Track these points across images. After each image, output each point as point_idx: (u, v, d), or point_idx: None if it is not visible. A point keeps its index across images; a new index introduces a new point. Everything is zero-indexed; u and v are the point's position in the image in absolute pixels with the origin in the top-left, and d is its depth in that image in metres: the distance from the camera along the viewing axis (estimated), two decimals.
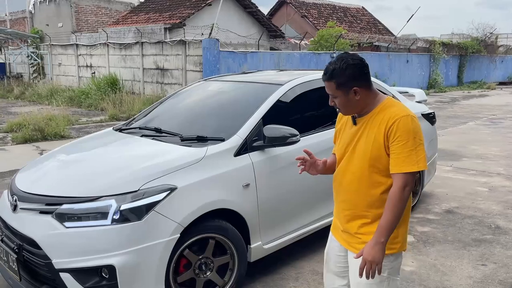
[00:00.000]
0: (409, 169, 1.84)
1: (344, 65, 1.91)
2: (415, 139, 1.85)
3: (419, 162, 1.85)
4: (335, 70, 1.92)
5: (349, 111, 2.03)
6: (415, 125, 1.89)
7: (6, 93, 17.43)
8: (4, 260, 2.86)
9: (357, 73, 1.93)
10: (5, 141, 8.73)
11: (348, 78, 1.92)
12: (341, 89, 1.94)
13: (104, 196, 2.61)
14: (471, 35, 26.32)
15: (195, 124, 3.59)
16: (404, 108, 1.95)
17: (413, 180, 1.89)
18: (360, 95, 1.95)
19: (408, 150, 1.84)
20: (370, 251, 1.85)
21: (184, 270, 2.84)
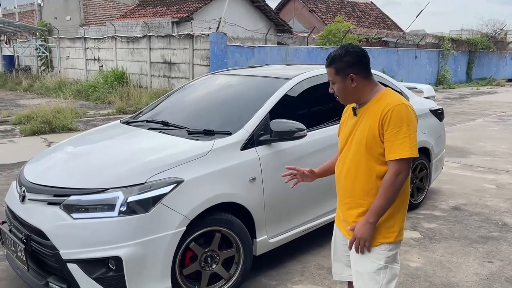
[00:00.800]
0: (402, 155, 1.90)
1: (343, 52, 2.01)
2: (408, 126, 1.90)
3: (412, 148, 1.91)
4: (335, 56, 2.03)
5: (346, 99, 2.10)
6: (409, 113, 1.93)
7: (15, 85, 17.54)
8: (12, 250, 2.89)
9: (355, 60, 2.00)
10: (14, 133, 8.80)
11: (346, 65, 2.00)
12: (339, 74, 2.02)
13: (111, 188, 2.63)
14: (480, 31, 26.05)
15: (202, 118, 3.60)
16: (399, 97, 2.00)
17: (407, 167, 1.94)
18: (356, 83, 2.02)
19: (401, 137, 1.90)
20: (360, 229, 1.98)
21: (190, 262, 2.85)
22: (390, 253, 2.02)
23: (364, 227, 1.97)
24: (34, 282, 2.75)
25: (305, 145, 3.38)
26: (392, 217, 2.01)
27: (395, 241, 2.03)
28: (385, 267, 2.01)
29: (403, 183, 1.95)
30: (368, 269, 2.02)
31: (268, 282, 3.23)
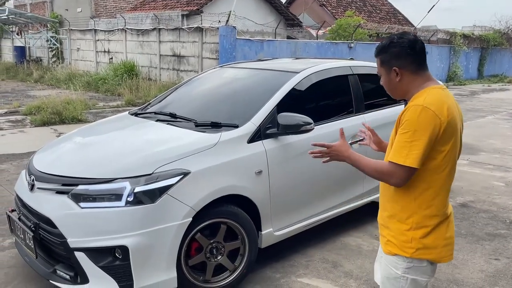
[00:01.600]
0: (394, 159, 1.75)
1: (388, 42, 1.87)
2: (416, 132, 1.71)
3: (408, 157, 1.72)
4: (381, 47, 1.90)
5: (392, 93, 1.96)
6: (423, 118, 1.72)
7: (26, 76, 17.70)
8: (21, 238, 2.94)
9: (400, 53, 1.84)
10: (24, 123, 8.90)
11: (390, 57, 1.86)
12: (383, 66, 1.90)
13: (119, 178, 2.65)
14: (493, 28, 25.69)
15: (210, 110, 3.61)
16: (423, 98, 1.78)
17: (402, 174, 1.76)
18: (401, 77, 1.86)
19: (403, 141, 1.74)
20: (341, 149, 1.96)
21: (196, 253, 2.87)
22: (411, 264, 1.86)
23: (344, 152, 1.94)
24: (42, 269, 2.80)
25: (310, 139, 3.37)
26: (409, 232, 1.84)
27: (412, 257, 1.84)
28: (403, 278, 1.87)
29: (388, 183, 1.83)
30: (387, 274, 1.94)
31: (273, 275, 3.25)
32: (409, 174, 1.77)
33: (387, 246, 1.91)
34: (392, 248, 1.89)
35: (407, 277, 1.86)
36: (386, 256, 1.93)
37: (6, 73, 18.98)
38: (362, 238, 3.90)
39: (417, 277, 1.87)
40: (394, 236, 1.88)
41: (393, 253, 1.88)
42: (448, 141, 1.77)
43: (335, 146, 1.97)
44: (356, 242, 3.81)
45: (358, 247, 3.72)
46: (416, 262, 1.85)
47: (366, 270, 3.34)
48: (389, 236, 1.90)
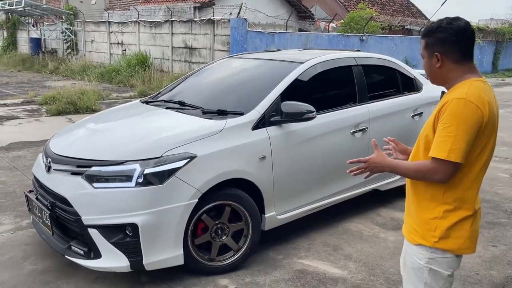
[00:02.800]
0: (437, 154, 1.70)
1: (435, 26, 1.81)
2: (459, 126, 1.67)
3: (451, 151, 1.67)
4: (428, 29, 1.84)
5: (431, 78, 1.91)
6: (466, 111, 1.67)
7: (41, 67, 18.05)
8: (39, 216, 3.13)
9: (446, 38, 1.77)
10: (40, 112, 9.16)
11: (435, 41, 1.80)
12: (427, 50, 1.84)
13: (130, 160, 2.82)
14: (509, 21, 25.32)
15: (217, 99, 3.75)
16: (465, 91, 1.72)
17: (446, 170, 1.71)
18: (441, 64, 1.80)
19: (445, 135, 1.68)
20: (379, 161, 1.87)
21: (202, 233, 3.04)
22: (434, 255, 1.83)
23: (384, 163, 1.86)
24: (58, 245, 2.99)
25: (314, 127, 3.51)
26: (434, 220, 1.82)
27: (434, 246, 1.82)
28: (427, 268, 1.85)
29: (433, 181, 1.76)
30: (412, 264, 1.91)
31: (276, 256, 3.40)
32: (454, 169, 1.72)
33: (411, 234, 1.91)
34: (415, 236, 1.88)
35: (430, 267, 1.84)
36: (409, 245, 1.92)
37: (22, 64, 19.37)
38: (364, 224, 4.02)
39: (440, 269, 1.84)
40: (419, 224, 1.86)
41: (416, 242, 1.87)
42: (487, 137, 1.74)
43: (371, 159, 1.89)
44: (357, 228, 3.94)
45: (359, 233, 3.85)
46: (440, 253, 1.82)
47: (365, 253, 3.48)
48: (414, 224, 1.89)
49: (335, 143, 3.70)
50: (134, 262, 2.77)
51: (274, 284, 3.01)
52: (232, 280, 3.04)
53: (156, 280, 3.01)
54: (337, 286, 3.00)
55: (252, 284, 3.01)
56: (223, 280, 3.04)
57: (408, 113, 4.38)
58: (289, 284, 3.02)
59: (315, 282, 3.05)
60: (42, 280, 3.00)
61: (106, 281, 2.99)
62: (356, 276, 3.13)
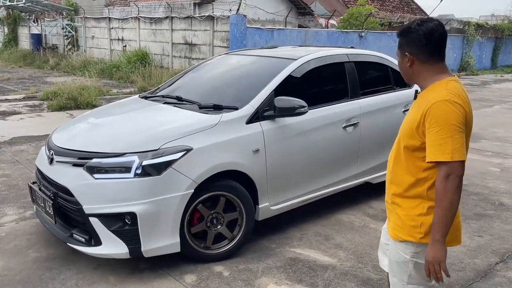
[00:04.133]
0: (440, 157, 1.72)
1: (407, 28, 1.89)
2: (450, 126, 1.72)
3: (454, 152, 1.71)
4: (401, 30, 1.91)
5: (404, 77, 1.99)
6: (450, 111, 1.73)
7: (42, 63, 18.17)
8: (42, 206, 3.28)
9: (414, 40, 1.85)
10: (41, 108, 9.30)
11: (406, 42, 1.88)
12: (399, 49, 1.93)
13: (128, 153, 2.97)
14: (508, 17, 25.37)
15: (213, 94, 3.89)
16: (446, 92, 1.78)
17: (457, 167, 1.73)
18: (411, 64, 1.88)
19: (442, 137, 1.72)
20: (429, 251, 1.79)
21: (198, 222, 3.18)
22: (419, 249, 1.88)
23: (433, 248, 1.77)
24: (60, 234, 3.15)
25: (306, 122, 3.64)
26: (419, 216, 1.87)
27: (420, 242, 1.87)
28: (412, 262, 1.91)
29: (457, 185, 1.74)
30: (396, 258, 1.97)
31: (269, 245, 3.55)
32: (463, 166, 1.75)
33: (395, 231, 1.94)
34: (400, 233, 1.92)
35: (415, 261, 1.90)
36: (394, 242, 1.96)
37: (23, 60, 19.49)
38: (355, 215, 4.16)
39: (423, 261, 1.87)
40: (403, 221, 1.90)
41: (401, 238, 1.91)
42: (465, 134, 1.79)
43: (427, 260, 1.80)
44: (349, 219, 4.08)
45: (351, 223, 3.99)
46: (425, 246, 1.84)
47: (355, 242, 3.62)
48: (398, 221, 1.93)
49: (327, 137, 3.84)
50: (133, 249, 2.91)
51: (266, 271, 3.15)
52: (226, 267, 3.19)
53: (154, 267, 3.16)
54: (326, 273, 3.15)
55: (245, 271, 3.16)
56: (218, 267, 3.18)
57: (399, 108, 4.50)
58: (281, 271, 3.16)
59: (305, 269, 3.19)
60: (46, 267, 3.15)
61: (107, 267, 3.14)
62: (345, 264, 3.28)
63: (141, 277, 3.05)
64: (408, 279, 1.94)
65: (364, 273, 3.16)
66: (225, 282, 3.00)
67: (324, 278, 3.08)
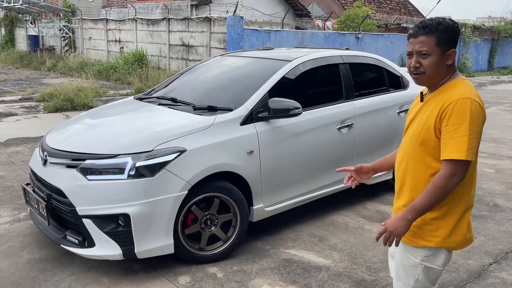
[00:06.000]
0: (456, 155, 1.70)
1: (450, 23, 1.81)
2: (470, 125, 1.70)
3: (469, 151, 1.70)
4: (441, 25, 1.79)
5: (433, 77, 1.85)
6: (474, 110, 1.71)
7: (39, 64, 18.15)
8: (35, 207, 3.27)
9: (456, 35, 1.82)
10: (38, 109, 9.28)
11: (450, 37, 1.81)
12: (440, 47, 1.79)
13: (122, 154, 2.96)
14: (505, 19, 25.48)
15: (208, 95, 3.89)
16: (467, 90, 1.77)
17: (463, 170, 1.73)
18: (451, 61, 1.82)
19: (459, 136, 1.70)
20: (394, 222, 1.80)
21: (192, 224, 3.18)
22: (430, 253, 1.88)
23: (399, 222, 1.79)
24: (53, 235, 3.14)
25: (300, 123, 3.65)
26: (436, 220, 1.85)
27: (437, 246, 1.86)
28: (421, 265, 1.89)
29: (455, 186, 1.75)
30: (405, 262, 1.94)
31: (263, 246, 3.55)
32: (467, 168, 1.75)
33: (410, 236, 1.89)
34: (415, 238, 1.88)
35: (425, 265, 1.88)
36: (405, 245, 1.92)
37: (20, 61, 19.46)
38: (350, 217, 4.17)
39: (433, 265, 1.88)
40: (419, 226, 1.86)
41: (417, 244, 1.88)
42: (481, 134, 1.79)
43: (386, 225, 1.83)
44: (343, 220, 4.09)
45: (345, 225, 4.00)
46: (436, 250, 1.85)
47: (349, 244, 3.62)
48: (413, 227, 1.85)
49: (322, 138, 3.85)
50: (126, 250, 2.91)
51: (260, 272, 3.15)
52: (220, 268, 3.19)
53: (148, 268, 3.16)
54: (320, 274, 3.15)
55: (239, 272, 3.16)
56: (212, 268, 3.18)
57: (394, 110, 4.52)
58: (274, 272, 3.16)
59: (299, 270, 3.20)
60: (39, 268, 3.14)
61: (100, 269, 3.14)
62: (339, 265, 3.28)
63: (134, 278, 3.05)
64: (414, 283, 1.92)
65: (358, 274, 3.16)
66: (219, 284, 3.00)
67: (318, 279, 3.08)
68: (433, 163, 1.82)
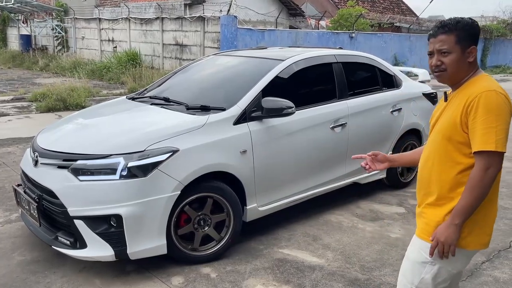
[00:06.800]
0: (485, 146, 1.67)
1: (469, 21, 1.83)
2: (498, 117, 1.68)
3: (498, 142, 1.67)
4: (460, 23, 1.81)
5: (454, 75, 1.84)
6: (500, 101, 1.70)
7: (31, 64, 18.00)
8: (26, 208, 3.24)
9: (477, 33, 1.84)
10: (30, 109, 9.21)
11: (470, 34, 1.81)
12: (461, 44, 1.80)
13: (114, 154, 2.94)
14: (497, 18, 25.64)
15: (201, 95, 3.87)
16: (491, 84, 1.76)
17: (498, 161, 1.70)
18: (472, 58, 1.82)
19: (486, 127, 1.67)
20: (443, 232, 1.75)
21: (185, 224, 3.16)
22: None
23: (449, 230, 1.74)
24: (45, 236, 3.11)
25: (294, 123, 3.64)
26: None
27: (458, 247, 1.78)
28: (432, 263, 1.83)
29: (493, 179, 1.71)
30: (415, 257, 1.89)
31: (257, 246, 3.54)
32: (502, 159, 1.72)
33: (424, 231, 1.86)
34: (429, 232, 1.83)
35: (436, 264, 1.81)
36: (421, 241, 1.87)
37: (12, 61, 19.30)
38: (344, 216, 4.17)
39: (445, 265, 1.82)
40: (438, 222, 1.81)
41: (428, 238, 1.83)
42: None
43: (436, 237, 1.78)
44: (337, 219, 4.09)
45: (339, 224, 4.00)
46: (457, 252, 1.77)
47: (343, 243, 3.62)
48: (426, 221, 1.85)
49: (315, 138, 3.84)
50: (118, 251, 2.89)
51: (254, 272, 3.14)
52: (214, 269, 3.18)
53: (140, 269, 3.13)
54: (314, 274, 3.14)
55: (233, 272, 3.14)
56: (205, 269, 3.17)
57: (387, 109, 4.53)
58: (268, 272, 3.15)
59: (293, 270, 3.19)
60: (30, 270, 3.11)
61: (92, 270, 3.11)
62: (333, 264, 3.28)
63: (127, 279, 3.03)
64: (419, 283, 1.87)
65: (352, 273, 3.16)
66: (212, 284, 2.99)
67: (311, 279, 3.07)
68: (461, 158, 1.78)
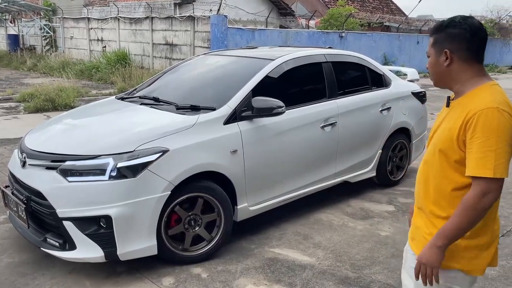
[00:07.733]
0: (480, 172, 1.53)
1: (448, 22, 1.68)
2: (499, 138, 1.52)
3: (497, 167, 1.52)
4: (439, 25, 1.70)
5: (436, 79, 1.75)
6: (502, 121, 1.53)
7: (19, 64, 17.80)
8: (14, 210, 3.20)
9: (458, 34, 1.63)
10: (18, 110, 9.11)
11: (446, 37, 1.66)
12: (434, 47, 1.70)
13: (103, 155, 2.92)
14: (485, 17, 25.93)
15: (190, 94, 3.85)
16: (491, 98, 1.58)
17: (496, 188, 1.55)
18: (450, 62, 1.66)
19: (485, 150, 1.52)
20: (424, 253, 1.65)
21: (175, 224, 3.15)
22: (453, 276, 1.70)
23: (430, 251, 1.62)
24: (33, 238, 3.07)
25: (284, 122, 3.65)
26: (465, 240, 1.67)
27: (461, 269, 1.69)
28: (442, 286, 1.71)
29: (490, 206, 1.57)
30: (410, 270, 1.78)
31: (248, 246, 3.54)
32: (501, 185, 1.57)
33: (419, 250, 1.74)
34: None
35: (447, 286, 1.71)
36: None
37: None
38: (334, 215, 4.18)
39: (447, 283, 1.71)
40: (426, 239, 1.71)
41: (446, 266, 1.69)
42: None
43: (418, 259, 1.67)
44: (328, 218, 4.10)
45: (330, 222, 4.01)
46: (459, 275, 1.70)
47: (333, 241, 3.64)
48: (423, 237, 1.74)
49: (305, 137, 3.85)
50: (108, 252, 2.87)
51: (245, 272, 3.14)
52: (205, 269, 3.17)
53: (131, 270, 3.12)
54: (305, 272, 3.15)
55: (224, 272, 3.14)
56: (196, 269, 3.16)
57: (376, 108, 4.55)
58: (259, 271, 3.16)
59: (284, 269, 3.20)
60: (19, 272, 3.08)
61: (82, 271, 3.09)
62: (324, 263, 3.29)
63: (117, 280, 3.01)
64: None
65: (342, 272, 3.18)
66: (203, 284, 2.98)
67: (302, 278, 3.08)
68: (456, 177, 1.65)
